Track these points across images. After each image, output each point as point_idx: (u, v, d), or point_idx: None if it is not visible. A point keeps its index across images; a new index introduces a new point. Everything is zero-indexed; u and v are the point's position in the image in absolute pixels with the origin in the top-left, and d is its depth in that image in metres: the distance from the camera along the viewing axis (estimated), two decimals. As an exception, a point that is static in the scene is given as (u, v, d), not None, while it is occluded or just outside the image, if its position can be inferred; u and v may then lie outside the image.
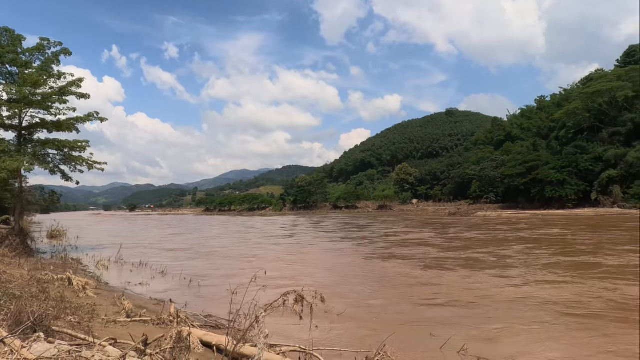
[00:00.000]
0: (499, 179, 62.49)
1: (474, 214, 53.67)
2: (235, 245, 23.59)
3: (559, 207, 50.50)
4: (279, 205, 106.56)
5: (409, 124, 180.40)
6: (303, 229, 37.79)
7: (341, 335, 7.18)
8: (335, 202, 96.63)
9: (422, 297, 9.68)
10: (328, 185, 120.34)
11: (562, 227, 28.44)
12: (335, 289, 11.02)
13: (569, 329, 7.20)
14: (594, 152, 51.65)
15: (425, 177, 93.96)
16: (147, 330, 5.58)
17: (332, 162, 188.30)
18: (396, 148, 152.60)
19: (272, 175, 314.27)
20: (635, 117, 50.91)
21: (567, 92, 77.69)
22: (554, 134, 65.02)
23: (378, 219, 50.75)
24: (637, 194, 45.10)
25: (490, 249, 17.44)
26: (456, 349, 6.07)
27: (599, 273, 11.49)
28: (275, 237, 29.03)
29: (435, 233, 27.57)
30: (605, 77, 60.00)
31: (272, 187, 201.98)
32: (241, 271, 13.62)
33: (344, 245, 22.07)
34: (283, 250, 20.23)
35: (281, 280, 11.82)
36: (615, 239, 20.08)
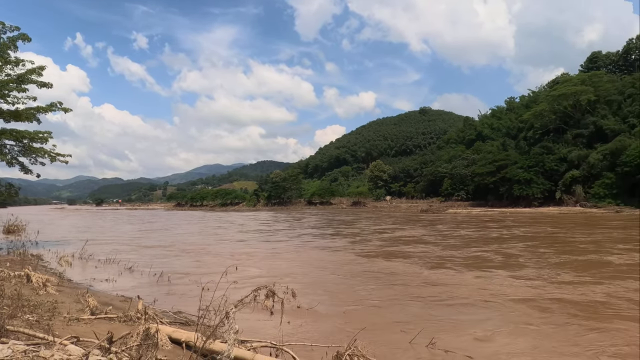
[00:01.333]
0: (470, 177, 64.28)
1: (445, 211, 55.02)
2: (219, 243, 22.77)
3: (525, 205, 52.52)
4: (252, 201, 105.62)
5: (384, 122, 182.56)
6: (287, 225, 37.02)
7: (313, 330, 7.20)
8: (310, 198, 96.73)
9: (431, 296, 9.55)
10: (303, 181, 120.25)
11: (552, 225, 28.75)
12: (330, 287, 11.04)
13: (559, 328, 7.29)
14: (559, 152, 53.94)
15: (399, 175, 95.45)
16: (112, 327, 5.40)
17: (307, 158, 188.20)
18: (371, 145, 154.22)
19: (246, 170, 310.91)
20: (596, 120, 53.48)
21: (535, 94, 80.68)
22: (523, 135, 67.42)
23: (360, 216, 50.99)
24: (597, 193, 47.47)
25: (493, 247, 17.23)
26: (439, 346, 6.18)
27: (614, 272, 11.33)
28: (261, 234, 28.01)
29: (426, 230, 27.47)
30: (570, 81, 62.72)
31: (246, 183, 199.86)
32: (223, 269, 13.30)
33: (338, 243, 21.16)
34: (274, 248, 19.40)
35: (272, 279, 11.81)
36: (610, 237, 20.20)
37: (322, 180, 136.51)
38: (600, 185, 47.65)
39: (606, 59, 73.47)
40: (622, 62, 70.81)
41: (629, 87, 55.72)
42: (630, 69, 68.09)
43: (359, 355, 4.97)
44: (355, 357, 4.92)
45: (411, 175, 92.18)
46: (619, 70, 69.31)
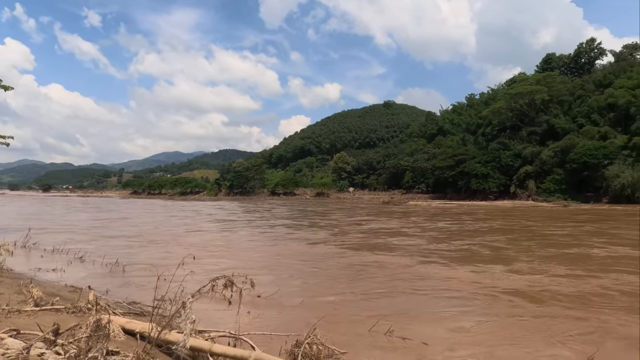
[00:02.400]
0: (430, 170, 66.28)
1: (406, 203, 56.53)
2: (189, 233, 21.51)
3: (482, 198, 54.97)
4: (214, 190, 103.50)
5: (348, 114, 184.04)
6: (259, 215, 35.96)
7: (274, 320, 7.20)
8: (274, 189, 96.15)
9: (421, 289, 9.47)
10: (266, 171, 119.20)
11: (525, 219, 29.23)
12: (306, 279, 11.00)
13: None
14: (514, 149, 56.70)
15: (362, 167, 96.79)
16: (60, 319, 5.13)
17: (271, 148, 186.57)
18: (335, 137, 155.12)
19: (207, 158, 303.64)
20: (549, 119, 56.62)
21: (494, 91, 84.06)
22: (481, 130, 70.20)
23: (329, 207, 50.83)
24: (548, 188, 50.47)
25: (477, 241, 17.12)
26: (397, 334, 6.34)
27: (601, 265, 11.47)
28: (234, 224, 26.75)
29: (402, 222, 27.35)
30: (526, 81, 65.85)
31: (207, 171, 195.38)
32: (193, 260, 12.71)
33: (318, 235, 20.03)
34: (251, 240, 18.34)
35: (248, 271, 11.63)
36: (583, 231, 20.50)
37: (286, 170, 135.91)
38: (551, 181, 50.71)
39: (559, 60, 77.68)
40: (574, 64, 75.16)
41: (579, 89, 59.33)
42: (580, 72, 72.44)
43: (317, 344, 5.03)
44: (314, 345, 4.97)
45: (374, 168, 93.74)
46: (570, 73, 73.52)
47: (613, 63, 66.95)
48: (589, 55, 73.88)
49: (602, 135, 48.44)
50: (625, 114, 47.96)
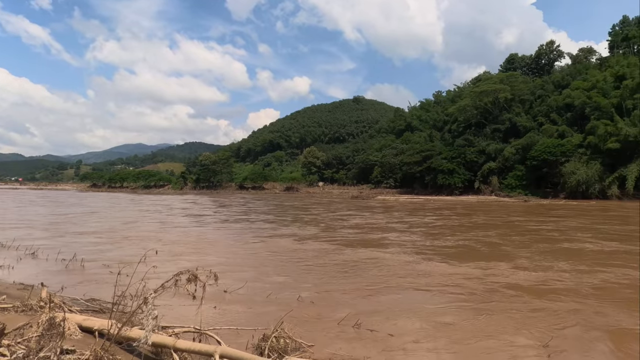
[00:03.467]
0: (398, 166, 67.51)
1: (374, 197, 57.38)
2: (168, 229, 20.30)
3: (447, 193, 56.62)
4: (179, 184, 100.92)
5: (318, 108, 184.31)
6: (237, 210, 34.69)
7: (242, 314, 7.11)
8: (242, 183, 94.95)
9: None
10: (235, 164, 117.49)
11: (503, 213, 29.47)
12: (292, 276, 10.86)
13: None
14: (479, 145, 58.64)
15: (332, 161, 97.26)
16: (7, 318, 4.84)
17: (240, 141, 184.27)
18: (305, 131, 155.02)
19: (172, 151, 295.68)
20: (512, 117, 58.93)
21: (460, 89, 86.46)
22: (448, 127, 72.10)
23: (305, 201, 50.51)
24: (510, 184, 52.65)
25: (469, 236, 16.93)
26: (363, 326, 6.39)
27: (599, 260, 11.56)
28: (214, 220, 25.58)
29: (386, 217, 27.09)
30: (491, 80, 68.17)
31: (172, 164, 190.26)
32: (177, 259, 11.83)
33: (306, 231, 19.19)
34: (236, 239, 17.09)
35: (235, 268, 11.20)
36: (566, 226, 20.70)
37: (254, 164, 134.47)
38: (513, 177, 52.90)
39: (521, 61, 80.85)
40: (534, 65, 78.45)
41: (539, 89, 62.04)
42: (540, 72, 75.74)
43: (285, 337, 5.02)
44: (281, 339, 4.96)
45: (344, 163, 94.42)
46: (531, 73, 76.70)
47: (570, 65, 70.44)
48: (548, 56, 77.36)
49: (560, 134, 50.97)
50: (581, 114, 50.66)
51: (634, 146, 42.35)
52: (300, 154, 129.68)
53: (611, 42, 65.06)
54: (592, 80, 52.84)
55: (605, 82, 50.71)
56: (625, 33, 61.76)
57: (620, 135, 42.72)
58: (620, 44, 61.98)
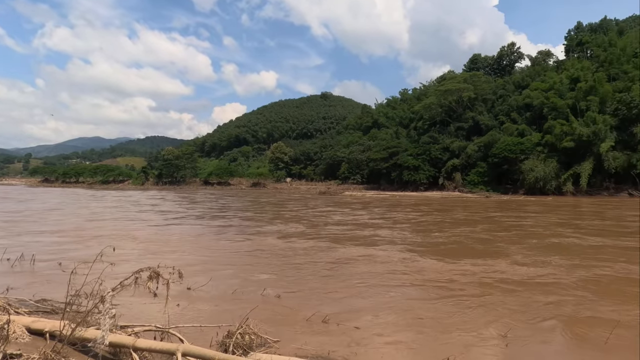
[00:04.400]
0: (365, 162, 68.38)
1: (342, 193, 57.85)
2: (139, 226, 19.30)
3: (413, 189, 57.98)
4: (140, 179, 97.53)
5: (286, 104, 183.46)
6: (211, 206, 33.23)
7: (205, 311, 6.96)
8: (207, 178, 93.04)
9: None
10: (199, 159, 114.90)
11: (480, 209, 29.69)
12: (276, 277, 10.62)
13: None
14: (443, 142, 60.35)
15: (300, 157, 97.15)
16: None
17: (205, 136, 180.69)
18: (272, 126, 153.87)
19: (132, 145, 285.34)
20: (474, 116, 61.04)
21: (426, 87, 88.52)
22: (413, 125, 73.68)
23: (279, 197, 49.80)
24: (472, 180, 54.59)
25: (456, 232, 16.95)
26: (332, 321, 6.41)
27: (588, 254, 11.87)
28: (189, 217, 24.31)
29: (367, 213, 26.84)
30: (455, 79, 70.24)
31: (133, 159, 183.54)
32: (152, 259, 11.35)
33: (293, 229, 18.44)
34: (219, 236, 16.18)
35: (221, 266, 10.77)
36: (546, 221, 21.15)
37: (220, 159, 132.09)
38: (475, 173, 54.88)
39: (484, 61, 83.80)
40: (496, 65, 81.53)
41: (501, 89, 64.58)
42: (502, 73, 78.84)
43: (250, 333, 4.96)
44: (246, 335, 4.89)
45: (311, 159, 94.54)
46: (493, 73, 79.69)
47: (529, 67, 73.72)
48: (509, 58, 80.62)
49: (520, 133, 53.33)
50: (539, 114, 53.22)
51: (587, 145, 44.99)
52: (267, 149, 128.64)
53: (567, 46, 68.65)
54: (550, 81, 55.60)
55: (562, 84, 53.51)
56: (579, 38, 65.38)
57: (575, 135, 45.26)
58: (575, 48, 65.52)
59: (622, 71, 50.58)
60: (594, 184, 44.87)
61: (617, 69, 51.42)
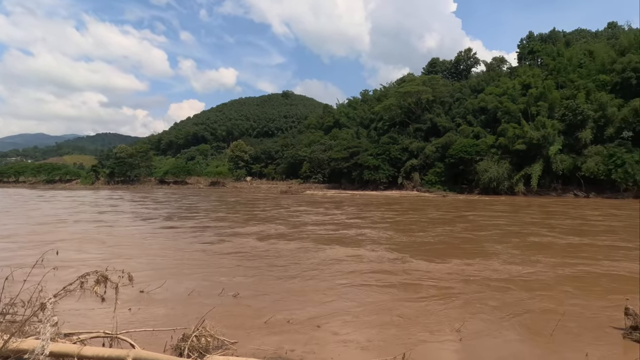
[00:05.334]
0: (327, 161, 68.80)
1: (303, 192, 57.85)
2: (103, 228, 18.04)
3: (373, 188, 59.01)
4: (90, 178, 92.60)
5: (246, 101, 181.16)
6: (177, 207, 31.62)
7: (159, 315, 6.68)
8: (163, 177, 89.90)
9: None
10: (154, 158, 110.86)
11: (452, 208, 30.23)
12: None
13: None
14: (402, 143, 61.84)
15: (260, 156, 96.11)
16: None
17: (160, 133, 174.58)
18: (232, 124, 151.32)
19: (81, 142, 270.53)
20: (432, 118, 63.03)
21: (386, 89, 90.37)
22: (374, 125, 74.99)
23: (245, 196, 48.58)
24: (430, 180, 56.34)
25: (437, 231, 17.07)
26: (293, 321, 6.33)
27: (568, 252, 12.34)
28: (152, 216, 23.23)
29: (341, 212, 26.58)
30: (414, 81, 72.20)
31: (82, 157, 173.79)
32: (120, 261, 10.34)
33: (272, 230, 17.76)
34: (195, 240, 15.17)
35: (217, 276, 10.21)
36: (521, 220, 21.75)
37: (177, 158, 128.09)
38: (433, 173, 56.67)
39: (442, 65, 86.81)
40: (454, 70, 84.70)
41: (458, 92, 67.10)
42: (459, 77, 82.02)
43: (206, 336, 4.81)
44: (202, 338, 4.74)
45: (272, 157, 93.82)
46: (451, 77, 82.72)
47: (485, 72, 77.10)
48: (466, 63, 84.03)
49: (475, 135, 55.63)
50: (493, 117, 55.78)
51: (537, 148, 47.69)
52: (226, 147, 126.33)
53: (519, 54, 72.49)
54: (503, 87, 58.45)
55: (514, 90, 56.43)
56: (530, 47, 69.26)
57: (526, 138, 47.86)
58: (526, 56, 69.29)
59: (569, 80, 54.11)
60: (543, 184, 47.64)
61: (564, 77, 54.94)
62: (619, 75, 48.69)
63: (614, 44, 57.48)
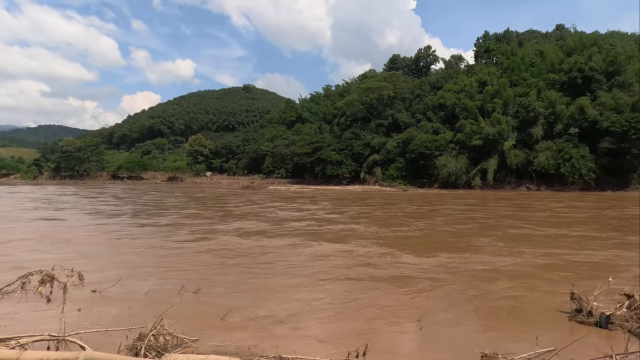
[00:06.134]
0: (290, 156, 68.48)
1: (266, 187, 57.30)
2: (65, 227, 16.66)
3: (336, 183, 59.46)
4: (32, 173, 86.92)
5: (205, 95, 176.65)
6: (142, 203, 29.98)
7: (112, 314, 6.30)
8: (116, 172, 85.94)
9: None
10: (106, 152, 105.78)
11: (424, 202, 30.63)
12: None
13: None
14: (364, 138, 62.65)
15: (221, 150, 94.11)
16: None
17: (113, 126, 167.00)
18: (190, 118, 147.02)
19: (20, 134, 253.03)
20: (394, 113, 64.25)
21: (348, 84, 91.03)
22: (336, 120, 75.37)
23: (208, 191, 47.04)
24: (392, 175, 57.50)
25: (420, 225, 17.14)
26: (242, 318, 6.18)
27: (548, 243, 12.94)
28: (117, 213, 21.77)
29: (317, 207, 26.15)
30: (376, 77, 73.17)
31: (21, 150, 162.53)
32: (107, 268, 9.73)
33: (255, 226, 17.07)
34: (169, 235, 14.66)
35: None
36: (495, 213, 22.35)
37: (131, 152, 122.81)
38: (394, 168, 57.87)
39: (403, 62, 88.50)
40: (414, 66, 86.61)
41: (418, 89, 68.77)
42: (419, 74, 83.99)
43: (165, 334, 4.58)
44: (161, 336, 4.50)
45: (234, 152, 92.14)
46: (411, 73, 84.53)
47: (443, 69, 79.48)
48: (426, 60, 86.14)
49: (434, 130, 57.30)
50: (452, 113, 57.69)
51: (493, 143, 49.84)
52: (185, 141, 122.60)
53: (476, 52, 75.27)
54: (461, 84, 60.53)
55: (471, 87, 58.58)
56: (486, 46, 72.12)
57: (482, 134, 49.89)
58: (483, 54, 72.10)
59: (522, 78, 56.88)
60: (498, 178, 49.91)
61: (517, 75, 57.69)
62: (567, 75, 51.77)
63: (562, 45, 61.01)
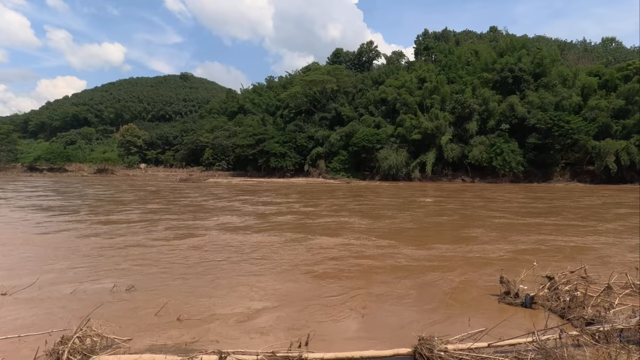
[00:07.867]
0: (231, 148, 66.82)
1: (206, 180, 55.40)
2: (23, 229, 14.05)
3: (280, 176, 59.07)
4: None
5: (138, 82, 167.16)
6: (93, 198, 26.57)
7: (28, 319, 5.64)
8: (33, 163, 78.52)
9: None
10: (20, 141, 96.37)
11: (398, 193, 31.02)
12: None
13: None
14: (308, 131, 62.76)
15: (156, 141, 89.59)
16: None
17: (28, 113, 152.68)
18: (121, 106, 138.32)
19: None
20: (337, 107, 64.98)
21: (292, 76, 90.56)
22: (280, 112, 74.74)
23: (161, 184, 43.73)
24: (335, 167, 58.21)
25: (407, 218, 16.94)
26: (188, 315, 5.85)
27: (537, 230, 13.49)
28: (73, 210, 19.17)
29: (290, 199, 25.19)
30: (319, 70, 73.49)
31: None
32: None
33: (234, 221, 15.96)
34: (152, 231, 13.23)
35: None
36: (470, 204, 22.85)
37: (52, 142, 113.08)
38: (337, 161, 58.61)
39: (346, 56, 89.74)
40: (357, 61, 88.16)
41: (360, 83, 70.08)
42: (362, 68, 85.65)
43: (92, 335, 4.15)
44: (87, 338, 4.06)
45: (170, 143, 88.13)
46: (354, 68, 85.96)
47: (385, 65, 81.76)
48: (368, 55, 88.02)
49: (376, 124, 58.77)
50: (393, 108, 59.54)
51: (431, 138, 52.20)
52: (115, 131, 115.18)
53: (416, 49, 78.19)
54: (402, 80, 62.61)
55: (412, 83, 60.79)
56: (426, 44, 75.18)
57: (422, 128, 52.05)
58: (422, 52, 75.03)
59: (458, 75, 60.07)
60: (436, 171, 52.45)
61: (454, 73, 60.82)
62: (499, 74, 55.51)
63: (495, 46, 65.25)
